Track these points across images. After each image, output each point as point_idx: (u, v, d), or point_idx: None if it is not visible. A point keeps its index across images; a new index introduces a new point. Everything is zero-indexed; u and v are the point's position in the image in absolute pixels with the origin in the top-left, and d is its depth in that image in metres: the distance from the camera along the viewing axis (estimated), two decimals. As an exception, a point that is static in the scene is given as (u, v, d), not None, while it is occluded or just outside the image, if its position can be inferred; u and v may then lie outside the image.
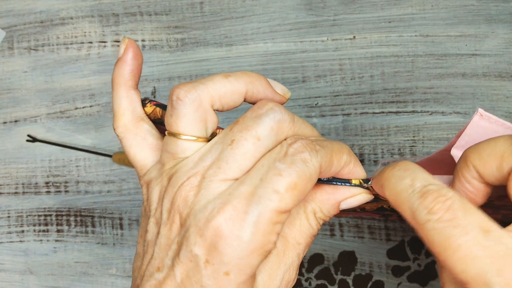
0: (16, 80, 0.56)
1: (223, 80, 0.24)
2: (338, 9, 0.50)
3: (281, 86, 0.26)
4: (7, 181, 0.56)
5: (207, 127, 0.25)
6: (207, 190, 0.23)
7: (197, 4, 0.53)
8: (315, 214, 0.25)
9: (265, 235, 0.22)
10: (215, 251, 0.22)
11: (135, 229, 0.53)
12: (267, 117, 0.23)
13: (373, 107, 0.49)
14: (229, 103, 0.25)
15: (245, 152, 0.23)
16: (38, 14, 0.56)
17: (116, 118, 0.27)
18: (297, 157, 0.22)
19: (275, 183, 0.22)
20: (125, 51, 0.27)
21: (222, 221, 0.22)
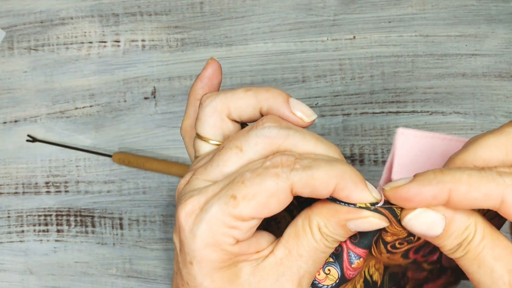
0: (16, 80, 0.56)
1: (242, 93, 0.26)
2: (338, 9, 0.50)
3: (304, 108, 0.26)
4: (7, 181, 0.56)
5: (223, 133, 0.26)
6: (190, 184, 0.25)
7: (197, 4, 0.53)
8: (320, 229, 0.24)
9: (217, 236, 0.22)
10: (180, 241, 0.24)
11: (135, 229, 0.53)
12: (256, 132, 0.24)
13: (373, 107, 0.49)
14: (245, 115, 0.26)
15: (226, 160, 0.24)
16: (38, 14, 0.56)
17: (182, 121, 0.31)
18: (268, 171, 0.22)
19: (235, 189, 0.22)
20: (204, 69, 0.31)
21: (183, 214, 0.23)
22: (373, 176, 0.49)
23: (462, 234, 0.22)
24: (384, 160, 0.49)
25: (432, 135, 0.26)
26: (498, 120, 0.48)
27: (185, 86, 0.53)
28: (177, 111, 0.53)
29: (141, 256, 0.53)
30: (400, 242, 0.25)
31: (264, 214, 0.22)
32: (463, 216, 0.22)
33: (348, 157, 0.49)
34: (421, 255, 0.26)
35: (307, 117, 0.26)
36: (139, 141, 0.53)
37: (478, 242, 0.22)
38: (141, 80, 0.54)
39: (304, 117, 0.25)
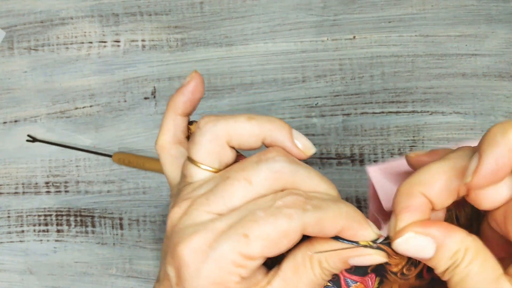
0: (16, 80, 0.56)
1: (245, 121, 0.25)
2: (338, 9, 0.50)
3: (305, 141, 0.26)
4: (7, 181, 0.56)
5: (221, 160, 0.25)
6: (190, 216, 0.24)
7: (197, 4, 0.53)
8: (320, 264, 0.24)
9: (225, 274, 0.22)
10: (180, 277, 0.23)
11: (135, 229, 0.53)
12: (266, 165, 0.24)
13: (373, 107, 0.49)
14: (245, 144, 0.26)
15: (234, 191, 0.23)
16: (38, 14, 0.56)
17: (159, 135, 0.30)
18: (281, 211, 0.22)
19: (247, 228, 0.22)
20: (187, 83, 0.29)
21: (187, 250, 0.22)
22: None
23: (451, 258, 0.22)
24: (384, 159, 0.49)
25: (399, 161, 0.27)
26: (498, 120, 0.48)
27: (185, 86, 0.53)
28: (177, 111, 0.53)
29: (141, 256, 0.53)
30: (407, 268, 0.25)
31: (273, 253, 0.23)
32: (454, 241, 0.22)
33: (348, 157, 0.49)
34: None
35: (307, 151, 0.26)
36: (139, 141, 0.53)
37: (465, 266, 0.22)
38: (141, 80, 0.54)
39: (306, 151, 0.26)
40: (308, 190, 0.24)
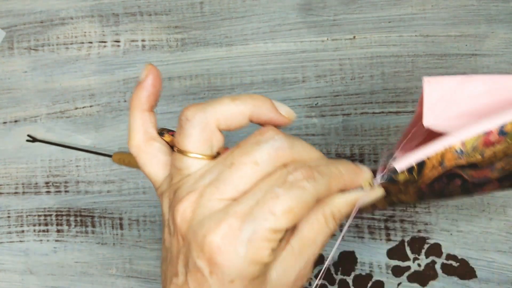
0: (16, 80, 0.56)
1: (230, 103, 0.26)
2: (338, 9, 0.50)
3: (286, 108, 0.28)
4: (7, 181, 0.56)
5: (213, 146, 0.27)
6: (204, 207, 0.24)
7: (197, 4, 0.53)
8: (334, 216, 0.27)
9: (259, 250, 0.24)
10: (216, 265, 0.24)
11: (135, 229, 0.53)
12: (267, 145, 0.25)
13: (373, 107, 0.49)
14: (235, 124, 0.27)
15: (242, 175, 0.25)
16: (38, 14, 0.56)
17: (130, 137, 0.29)
18: (295, 184, 0.24)
19: (272, 205, 0.23)
20: (146, 77, 0.29)
21: (218, 238, 0.23)
22: (373, 176, 0.49)
23: None
24: (384, 160, 0.49)
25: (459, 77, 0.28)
26: (498, 120, 0.48)
27: (185, 86, 0.53)
28: (177, 111, 0.53)
29: (141, 256, 0.53)
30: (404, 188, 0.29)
31: (297, 222, 0.25)
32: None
33: (348, 157, 0.49)
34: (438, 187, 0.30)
35: (291, 116, 0.28)
36: (139, 141, 0.53)
37: None
38: (141, 80, 0.54)
39: (290, 117, 0.28)
40: (306, 160, 0.26)
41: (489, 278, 0.47)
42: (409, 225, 0.48)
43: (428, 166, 0.27)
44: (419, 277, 0.48)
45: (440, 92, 0.28)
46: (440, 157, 0.27)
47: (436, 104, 0.29)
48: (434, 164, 0.27)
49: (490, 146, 0.28)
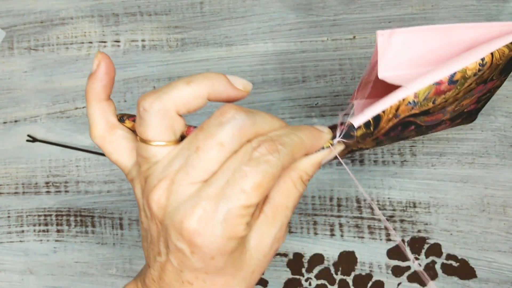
0: (16, 80, 0.56)
1: (186, 87, 0.26)
2: (338, 9, 0.50)
3: (242, 80, 0.28)
4: (7, 181, 0.56)
5: (175, 131, 0.27)
6: (177, 193, 0.25)
7: (197, 4, 0.53)
8: (302, 179, 0.28)
9: (234, 227, 0.25)
10: (195, 246, 0.25)
11: (135, 229, 0.53)
12: (229, 125, 0.25)
13: (373, 107, 0.49)
14: (193, 107, 0.27)
15: (210, 158, 0.25)
16: (38, 14, 0.56)
17: (92, 129, 0.30)
18: (261, 160, 0.25)
19: (241, 184, 0.24)
20: (98, 66, 0.29)
21: (194, 222, 0.24)
22: (373, 176, 0.49)
23: None
24: (384, 159, 0.49)
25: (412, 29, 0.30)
26: (498, 120, 0.48)
27: (185, 86, 0.53)
28: (177, 111, 0.53)
29: (141, 256, 0.53)
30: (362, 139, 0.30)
31: (266, 194, 0.26)
32: None
33: (348, 157, 0.49)
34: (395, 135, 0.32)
35: (247, 88, 0.29)
36: (139, 141, 0.53)
37: None
38: (141, 80, 0.54)
39: (246, 89, 0.29)
40: (268, 131, 0.27)
41: (489, 278, 0.47)
42: (409, 225, 0.48)
43: (384, 119, 0.29)
44: (419, 277, 0.48)
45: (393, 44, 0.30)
46: (395, 110, 0.28)
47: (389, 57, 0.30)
48: (389, 117, 0.29)
49: (441, 94, 0.29)
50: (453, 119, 0.36)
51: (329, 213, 0.50)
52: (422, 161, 0.48)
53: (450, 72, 0.29)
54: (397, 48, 0.30)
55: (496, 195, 0.47)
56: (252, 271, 0.28)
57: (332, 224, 0.50)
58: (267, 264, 0.29)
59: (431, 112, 0.31)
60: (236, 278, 0.27)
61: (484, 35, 0.31)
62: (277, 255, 0.50)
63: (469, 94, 0.32)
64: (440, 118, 0.33)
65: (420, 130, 0.34)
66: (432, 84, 0.28)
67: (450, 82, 0.29)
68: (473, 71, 0.29)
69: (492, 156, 0.47)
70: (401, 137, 0.34)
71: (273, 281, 0.51)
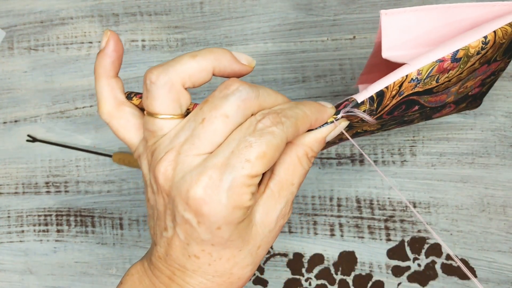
0: (16, 80, 0.56)
1: (191, 60, 0.27)
2: (338, 9, 0.50)
3: (246, 56, 0.29)
4: (7, 181, 0.56)
5: (181, 104, 0.27)
6: (184, 164, 0.26)
7: (197, 4, 0.53)
8: (307, 155, 0.28)
9: (240, 196, 0.25)
10: (202, 215, 0.25)
11: (135, 229, 0.53)
12: (234, 97, 0.26)
13: (373, 107, 0.49)
14: (199, 80, 0.27)
15: (215, 129, 0.26)
16: (38, 14, 0.56)
17: (100, 105, 0.30)
18: (265, 131, 0.25)
19: (246, 154, 0.25)
20: (107, 43, 0.29)
21: (200, 190, 0.25)
22: (373, 176, 0.49)
23: None
24: (384, 160, 0.49)
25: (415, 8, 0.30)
26: (498, 120, 0.48)
27: (185, 86, 0.53)
28: (177, 111, 0.53)
29: (141, 256, 0.53)
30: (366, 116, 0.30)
31: (270, 166, 0.26)
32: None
33: (348, 157, 0.49)
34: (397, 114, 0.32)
35: (251, 63, 0.29)
36: (139, 141, 0.53)
37: None
38: (141, 80, 0.54)
39: (250, 64, 0.29)
40: (272, 106, 0.27)
41: (489, 278, 0.47)
42: (409, 225, 0.48)
43: (387, 95, 0.29)
44: (419, 277, 0.48)
45: (397, 24, 0.30)
46: (398, 86, 0.29)
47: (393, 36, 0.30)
48: (392, 94, 0.29)
49: (445, 72, 0.29)
50: (458, 103, 0.36)
51: (329, 213, 0.50)
52: (422, 161, 0.48)
53: (453, 50, 0.29)
54: (400, 27, 0.30)
55: (496, 195, 0.47)
56: (258, 246, 0.28)
57: (332, 224, 0.50)
58: (272, 241, 0.29)
59: (434, 91, 0.31)
60: (243, 252, 0.27)
61: (488, 14, 0.31)
62: (277, 255, 0.51)
63: (472, 75, 0.32)
64: (444, 99, 0.33)
65: (425, 112, 0.34)
66: (435, 61, 0.29)
67: (453, 59, 0.29)
68: (476, 49, 0.29)
69: (492, 156, 0.47)
70: (406, 120, 0.34)
71: (273, 281, 0.51)
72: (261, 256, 0.29)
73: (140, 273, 0.30)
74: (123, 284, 0.30)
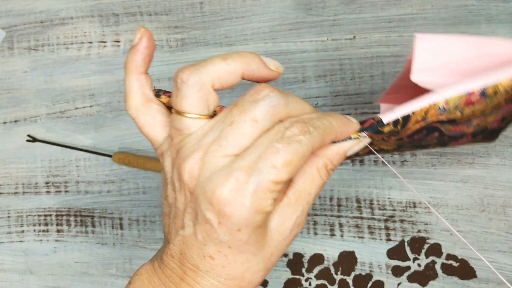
0: (16, 80, 0.56)
1: (222, 62, 0.27)
2: (338, 9, 0.50)
3: (274, 62, 0.29)
4: (7, 181, 0.56)
5: (209, 105, 0.28)
6: (210, 164, 0.26)
7: (197, 4, 0.53)
8: (327, 167, 0.29)
9: (263, 200, 0.25)
10: (224, 216, 0.25)
11: (135, 229, 0.53)
12: (263, 102, 0.26)
13: (373, 107, 0.49)
14: (228, 83, 0.28)
15: (244, 132, 0.26)
16: (38, 14, 0.56)
17: (128, 100, 0.30)
18: (292, 139, 0.26)
19: (273, 159, 0.25)
20: (140, 40, 0.30)
21: (226, 191, 0.25)
22: (373, 176, 0.49)
23: None
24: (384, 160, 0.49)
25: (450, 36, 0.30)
26: (498, 120, 0.48)
27: (185, 86, 0.53)
28: (177, 111, 0.53)
29: (141, 256, 0.53)
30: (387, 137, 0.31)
31: (295, 173, 0.26)
32: None
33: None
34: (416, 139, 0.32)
35: (279, 69, 0.30)
36: (139, 141, 0.53)
37: None
38: (141, 80, 0.54)
39: (278, 70, 0.30)
40: (299, 114, 0.28)
41: (489, 278, 0.47)
42: (409, 225, 0.48)
43: (412, 120, 0.29)
44: (419, 277, 0.48)
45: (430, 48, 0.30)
46: (424, 112, 0.29)
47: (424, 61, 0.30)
48: (417, 119, 0.29)
49: (470, 105, 0.30)
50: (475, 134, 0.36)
51: (329, 213, 0.50)
52: (422, 161, 0.48)
53: (483, 85, 0.29)
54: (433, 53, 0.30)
55: (496, 195, 0.47)
56: (271, 253, 0.28)
57: (332, 224, 0.50)
58: (285, 249, 0.29)
59: (457, 122, 0.31)
60: (257, 257, 0.28)
61: None
62: (277, 255, 0.51)
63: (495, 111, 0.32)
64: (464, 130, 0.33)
65: (442, 140, 0.34)
66: (464, 94, 0.29)
67: (481, 94, 0.29)
68: (505, 88, 0.29)
69: (492, 156, 0.47)
70: (423, 144, 0.34)
71: (273, 281, 0.51)
72: (273, 263, 0.29)
73: (150, 273, 0.30)
74: (132, 284, 0.30)
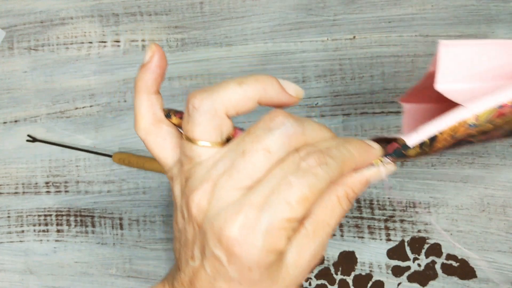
0: (16, 80, 0.56)
1: (237, 88, 0.25)
2: (338, 9, 0.50)
3: (294, 86, 0.27)
4: (7, 181, 0.56)
5: (222, 132, 0.26)
6: (220, 197, 0.24)
7: (197, 4, 0.53)
8: (348, 196, 0.26)
9: (275, 239, 0.23)
10: (233, 255, 0.24)
11: (135, 229, 0.53)
12: (278, 131, 0.24)
13: (373, 107, 0.49)
14: (243, 109, 0.26)
15: (255, 163, 0.24)
16: (38, 14, 0.56)
17: (137, 121, 0.28)
18: (308, 171, 0.24)
19: (287, 195, 0.23)
20: (151, 58, 0.28)
21: (235, 229, 0.23)
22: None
23: None
24: (384, 160, 0.49)
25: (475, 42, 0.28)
26: (498, 120, 0.48)
27: (185, 86, 0.53)
28: (177, 111, 0.53)
29: (141, 256, 0.53)
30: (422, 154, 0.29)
31: (310, 208, 0.25)
32: None
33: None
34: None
35: (299, 94, 0.28)
36: (139, 141, 0.53)
37: None
38: (141, 80, 0.54)
39: (298, 95, 0.28)
40: (317, 141, 0.26)
41: (489, 278, 0.47)
42: (409, 225, 0.48)
43: (440, 139, 0.27)
44: (419, 277, 0.48)
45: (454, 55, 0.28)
46: (452, 131, 0.27)
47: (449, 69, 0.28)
48: (445, 137, 0.27)
49: (502, 117, 0.28)
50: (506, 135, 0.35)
51: (329, 213, 0.50)
52: (422, 161, 0.48)
53: None
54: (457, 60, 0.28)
55: (496, 195, 0.47)
56: (287, 286, 0.26)
57: (332, 224, 0.50)
58: (302, 280, 0.27)
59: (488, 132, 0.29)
60: None
61: None
62: (277, 255, 0.51)
63: None
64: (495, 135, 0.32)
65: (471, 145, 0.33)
66: (495, 107, 0.27)
67: None
68: None
69: (492, 156, 0.47)
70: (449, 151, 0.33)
71: (273, 281, 0.51)
72: None
73: None
74: None
